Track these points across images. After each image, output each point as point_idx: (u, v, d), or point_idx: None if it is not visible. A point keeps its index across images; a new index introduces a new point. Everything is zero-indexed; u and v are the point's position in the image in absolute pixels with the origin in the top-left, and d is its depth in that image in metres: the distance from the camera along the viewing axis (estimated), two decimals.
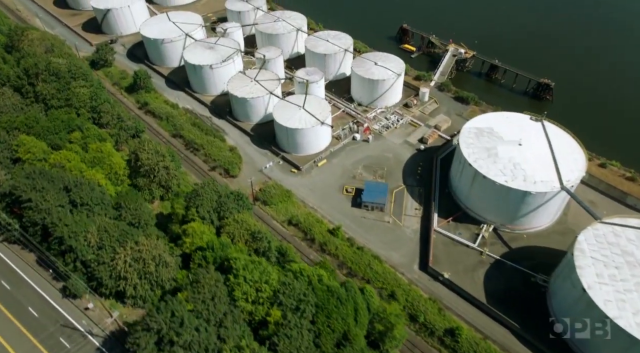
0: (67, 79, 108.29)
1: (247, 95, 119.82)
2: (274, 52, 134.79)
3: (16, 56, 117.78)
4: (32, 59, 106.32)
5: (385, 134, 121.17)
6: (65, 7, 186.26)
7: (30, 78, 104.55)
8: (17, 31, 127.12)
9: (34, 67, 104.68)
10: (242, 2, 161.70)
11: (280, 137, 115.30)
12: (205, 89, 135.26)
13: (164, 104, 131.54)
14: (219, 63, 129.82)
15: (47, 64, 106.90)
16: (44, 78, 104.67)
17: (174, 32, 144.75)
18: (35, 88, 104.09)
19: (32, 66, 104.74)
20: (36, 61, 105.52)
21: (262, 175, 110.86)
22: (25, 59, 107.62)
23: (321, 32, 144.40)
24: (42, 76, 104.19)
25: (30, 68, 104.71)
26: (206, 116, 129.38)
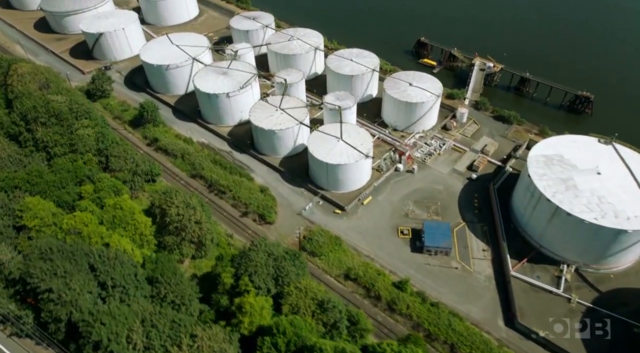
0: (70, 119, 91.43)
1: (274, 126, 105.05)
2: (295, 75, 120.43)
3: (5, 94, 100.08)
4: (30, 101, 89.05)
5: (429, 162, 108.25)
6: (48, 32, 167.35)
7: (28, 123, 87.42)
8: (2, 64, 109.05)
9: (32, 110, 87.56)
10: (249, 20, 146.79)
11: (317, 173, 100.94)
12: (220, 120, 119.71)
13: (176, 139, 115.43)
14: (237, 90, 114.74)
15: (45, 104, 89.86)
16: (44, 121, 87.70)
17: (179, 57, 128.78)
18: (34, 135, 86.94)
19: (31, 110, 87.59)
20: (34, 103, 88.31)
21: (302, 219, 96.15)
22: (19, 101, 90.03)
23: (342, 50, 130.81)
24: (41, 119, 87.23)
25: (28, 112, 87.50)
26: (226, 151, 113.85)
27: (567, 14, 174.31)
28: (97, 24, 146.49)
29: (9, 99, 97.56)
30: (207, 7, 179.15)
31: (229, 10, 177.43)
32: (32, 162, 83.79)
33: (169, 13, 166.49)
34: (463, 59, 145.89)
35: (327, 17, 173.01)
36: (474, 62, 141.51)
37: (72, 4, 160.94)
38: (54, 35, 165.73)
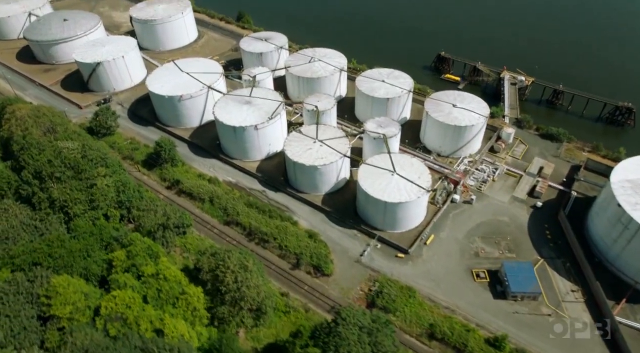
0: (88, 169, 76.43)
1: (315, 161, 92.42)
2: (326, 101, 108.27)
3: (1, 142, 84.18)
4: (42, 154, 73.31)
5: (485, 190, 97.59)
6: (33, 62, 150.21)
7: (43, 181, 71.93)
8: None
9: (47, 165, 72.19)
10: (261, 42, 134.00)
11: (371, 212, 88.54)
12: (246, 154, 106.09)
13: (199, 180, 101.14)
14: (266, 121, 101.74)
15: (58, 154, 74.61)
16: (59, 175, 72.49)
17: (192, 85, 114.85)
18: (50, 193, 71.50)
19: (45, 165, 72.15)
20: (48, 156, 72.81)
21: (363, 267, 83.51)
22: (28, 153, 74.01)
23: (370, 71, 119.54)
24: (56, 174, 72.02)
25: (43, 168, 71.96)
26: (258, 190, 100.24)
27: (597, 22, 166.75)
28: (92, 52, 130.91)
29: (9, 148, 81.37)
30: (205, 28, 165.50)
31: (230, 31, 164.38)
32: (50, 227, 68.53)
33: (167, 37, 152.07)
34: (489, 73, 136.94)
35: (336, 35, 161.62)
36: (502, 75, 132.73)
37: (60, 31, 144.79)
38: (40, 66, 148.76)
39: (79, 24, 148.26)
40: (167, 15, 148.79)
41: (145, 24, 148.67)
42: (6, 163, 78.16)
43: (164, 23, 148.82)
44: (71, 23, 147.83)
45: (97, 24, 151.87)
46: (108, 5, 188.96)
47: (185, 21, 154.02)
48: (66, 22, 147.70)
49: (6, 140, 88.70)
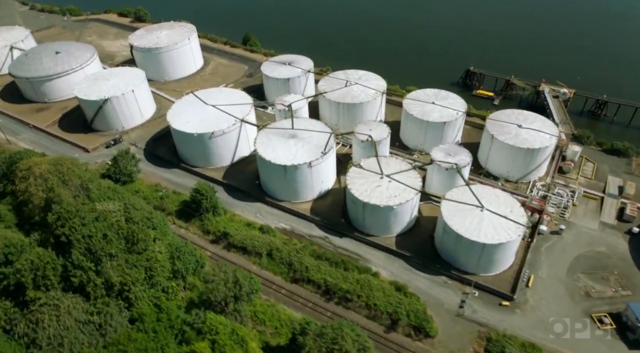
0: (142, 237, 60.98)
1: (389, 201, 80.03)
2: (379, 129, 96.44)
3: (18, 210, 67.42)
4: (94, 227, 56.84)
5: (568, 216, 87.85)
6: (22, 101, 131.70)
7: (99, 262, 55.84)
8: (5, 164, 76.14)
9: (101, 241, 56.20)
10: (284, 66, 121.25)
11: (462, 255, 76.47)
12: (297, 195, 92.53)
13: (249, 229, 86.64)
14: (320, 157, 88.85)
15: (108, 223, 58.84)
16: (113, 251, 56.93)
17: (222, 120, 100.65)
18: (108, 277, 55.64)
19: (99, 241, 56.13)
20: (100, 229, 56.74)
21: (467, 322, 71.22)
22: (69, 227, 57.06)
23: (415, 92, 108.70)
24: (110, 250, 56.41)
25: (96, 245, 55.84)
26: (318, 236, 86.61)
27: (635, 29, 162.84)
28: (96, 88, 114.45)
29: (26, 213, 64.86)
30: (210, 54, 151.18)
31: (239, 55, 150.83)
32: (111, 320, 52.98)
33: (173, 65, 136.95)
34: (524, 86, 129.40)
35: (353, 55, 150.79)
36: (541, 89, 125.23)
37: (53, 65, 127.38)
38: (30, 105, 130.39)
39: (73, 56, 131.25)
40: (172, 42, 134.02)
41: (149, 53, 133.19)
42: (33, 237, 61.35)
43: (170, 51, 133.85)
44: (64, 55, 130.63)
45: (93, 55, 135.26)
46: (95, 34, 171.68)
47: (192, 47, 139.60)
48: (59, 54, 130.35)
49: (20, 204, 72.04)
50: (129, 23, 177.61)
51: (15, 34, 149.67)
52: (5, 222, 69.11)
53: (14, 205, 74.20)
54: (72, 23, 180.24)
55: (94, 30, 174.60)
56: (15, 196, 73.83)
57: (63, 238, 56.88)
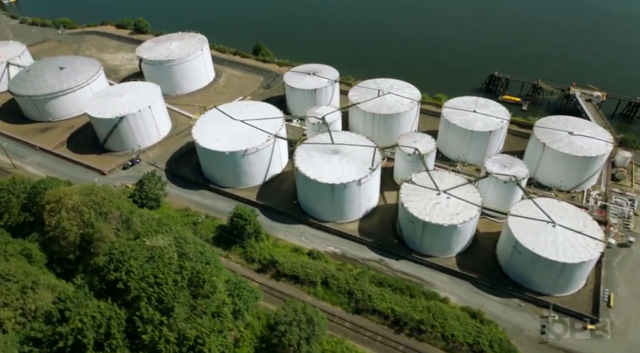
0: (204, 277, 52.92)
1: (453, 219, 73.78)
2: (424, 141, 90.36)
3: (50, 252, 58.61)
4: (160, 273, 48.24)
5: (633, 227, 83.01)
6: (23, 121, 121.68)
7: (167, 312, 47.22)
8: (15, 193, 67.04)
9: (171, 288, 47.68)
10: (309, 76, 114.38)
11: (537, 275, 70.37)
12: (343, 214, 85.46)
13: (297, 255, 78.95)
14: (369, 174, 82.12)
15: (153, 261, 50.80)
16: (182, 299, 48.63)
17: (254, 136, 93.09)
18: (182, 332, 46.76)
19: (169, 288, 47.49)
20: (168, 274, 48.41)
21: (552, 350, 65.03)
22: (124, 268, 48.27)
23: (453, 100, 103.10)
24: (177, 299, 48.15)
25: (166, 293, 47.17)
26: (373, 259, 79.40)
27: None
28: (110, 105, 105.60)
29: (55, 249, 55.96)
30: (220, 65, 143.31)
31: (251, 66, 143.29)
32: None
33: (186, 78, 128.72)
34: (552, 90, 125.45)
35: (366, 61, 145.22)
36: (571, 92, 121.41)
37: (58, 82, 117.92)
38: (32, 125, 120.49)
39: (78, 72, 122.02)
40: (185, 53, 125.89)
41: (160, 66, 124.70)
42: (79, 284, 51.91)
43: (182, 63, 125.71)
44: (69, 71, 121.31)
45: (99, 70, 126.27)
46: (94, 47, 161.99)
47: (204, 59, 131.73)
48: (63, 70, 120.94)
49: (50, 240, 63.17)
50: (129, 35, 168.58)
51: (10, 49, 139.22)
52: (36, 263, 60.20)
53: (41, 241, 65.26)
54: (68, 36, 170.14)
55: (92, 43, 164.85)
56: (42, 231, 64.84)
57: (120, 285, 48.63)
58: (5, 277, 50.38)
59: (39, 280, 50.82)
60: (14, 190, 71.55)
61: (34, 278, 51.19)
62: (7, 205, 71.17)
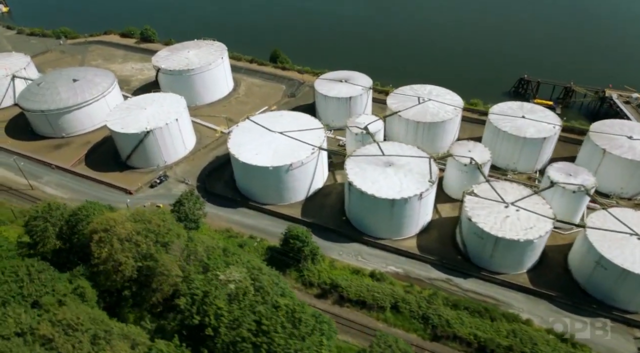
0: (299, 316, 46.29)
1: (527, 234, 68.79)
2: (478, 150, 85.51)
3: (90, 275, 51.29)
4: (274, 326, 41.34)
5: None
6: (34, 138, 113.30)
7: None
8: (62, 222, 59.72)
9: (282, 339, 40.67)
10: (340, 83, 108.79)
11: (626, 293, 65.54)
12: (401, 231, 79.78)
13: (359, 277, 72.94)
14: (430, 187, 76.72)
15: (238, 300, 44.23)
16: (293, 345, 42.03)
17: (297, 149, 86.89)
18: None
19: (281, 341, 40.37)
20: (275, 319, 41.68)
21: None
22: (212, 310, 41.26)
23: (498, 106, 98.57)
24: None
25: (278, 347, 40.33)
26: (439, 279, 73.68)
27: None
28: (133, 118, 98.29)
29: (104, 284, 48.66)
30: (238, 73, 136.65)
31: (269, 73, 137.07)
32: None
33: (206, 88, 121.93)
34: (586, 92, 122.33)
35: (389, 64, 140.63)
36: (608, 95, 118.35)
37: (72, 95, 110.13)
38: (44, 141, 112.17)
39: (93, 84, 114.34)
40: (205, 62, 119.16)
41: (179, 76, 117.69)
42: (146, 326, 45.08)
43: (203, 72, 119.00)
44: (83, 83, 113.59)
45: (113, 81, 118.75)
46: (100, 57, 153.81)
47: (225, 68, 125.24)
48: (77, 82, 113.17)
49: (99, 274, 55.90)
50: (135, 44, 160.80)
51: (14, 61, 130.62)
52: (88, 302, 52.88)
53: (87, 275, 57.84)
54: (71, 46, 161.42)
55: (97, 53, 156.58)
56: (89, 264, 57.48)
57: (209, 331, 41.92)
58: (74, 327, 43.11)
59: (111, 328, 43.68)
60: (51, 217, 64.13)
61: (104, 326, 44.05)
62: (42, 234, 63.69)
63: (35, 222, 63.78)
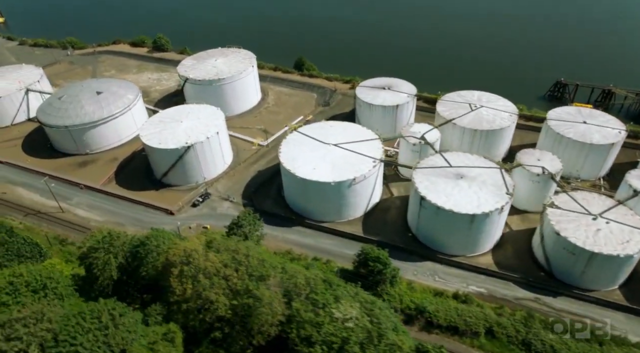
0: None
1: (625, 248, 64.20)
2: (547, 158, 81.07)
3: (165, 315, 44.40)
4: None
5: None
6: (55, 155, 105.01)
7: None
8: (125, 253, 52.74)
9: None
10: (384, 91, 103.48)
11: None
12: (476, 247, 74.44)
13: (443, 300, 67.23)
14: (509, 199, 71.75)
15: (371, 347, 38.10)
16: None
17: (356, 162, 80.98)
18: None
19: None
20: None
21: None
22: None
23: (554, 111, 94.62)
24: None
25: None
26: (528, 299, 68.61)
27: None
28: (169, 132, 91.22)
29: (200, 334, 41.92)
30: (263, 81, 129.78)
31: (296, 81, 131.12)
32: None
33: (237, 98, 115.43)
34: (627, 95, 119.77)
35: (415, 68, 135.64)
36: None
37: (97, 109, 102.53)
38: (67, 159, 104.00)
39: (117, 96, 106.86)
40: (236, 71, 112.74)
41: (209, 86, 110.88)
42: None
43: (234, 81, 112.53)
44: (107, 96, 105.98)
45: (138, 93, 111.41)
46: (113, 68, 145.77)
47: (254, 76, 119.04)
48: (101, 95, 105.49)
49: (183, 314, 48.91)
50: (147, 53, 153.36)
51: (26, 73, 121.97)
52: (177, 347, 45.90)
53: (163, 314, 50.75)
54: (79, 57, 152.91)
55: (109, 63, 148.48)
56: (167, 302, 50.46)
57: None
58: None
59: None
60: (113, 248, 56.93)
61: None
62: (104, 267, 56.39)
63: (97, 254, 56.44)
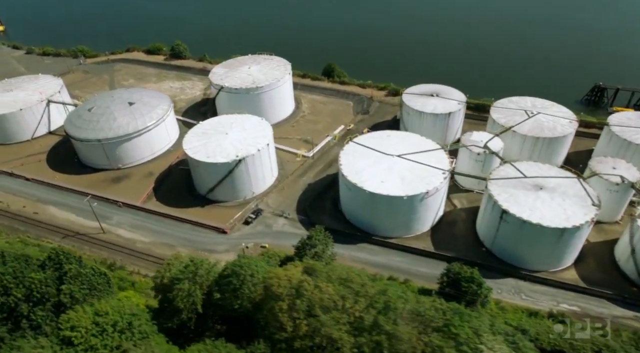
0: None
1: None
2: (624, 167, 77.70)
3: None
4: None
5: None
6: (84, 171, 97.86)
7: None
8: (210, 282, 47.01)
9: None
10: (433, 98, 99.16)
11: None
12: (560, 261, 70.23)
13: (539, 321, 62.88)
14: (597, 211, 67.86)
15: None
16: None
17: (424, 174, 76.16)
18: None
19: None
20: None
21: None
22: None
23: (615, 116, 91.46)
24: None
25: None
26: (627, 317, 64.64)
27: None
28: (217, 145, 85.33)
29: None
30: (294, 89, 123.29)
31: (329, 89, 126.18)
32: None
33: (273, 107, 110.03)
34: None
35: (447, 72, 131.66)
36: None
37: (131, 120, 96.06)
38: (99, 174, 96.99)
39: (150, 107, 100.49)
40: (273, 79, 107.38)
41: (246, 95, 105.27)
42: None
43: (271, 90, 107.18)
44: (140, 106, 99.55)
45: (170, 103, 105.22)
46: (131, 77, 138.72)
47: (290, 84, 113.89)
48: (133, 106, 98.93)
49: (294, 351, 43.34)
50: (165, 61, 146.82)
51: (45, 84, 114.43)
52: None
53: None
54: (93, 66, 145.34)
55: (125, 72, 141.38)
56: (273, 339, 44.60)
57: None
58: None
59: None
60: (199, 278, 50.86)
61: None
62: (187, 299, 50.25)
63: (180, 285, 50.26)
